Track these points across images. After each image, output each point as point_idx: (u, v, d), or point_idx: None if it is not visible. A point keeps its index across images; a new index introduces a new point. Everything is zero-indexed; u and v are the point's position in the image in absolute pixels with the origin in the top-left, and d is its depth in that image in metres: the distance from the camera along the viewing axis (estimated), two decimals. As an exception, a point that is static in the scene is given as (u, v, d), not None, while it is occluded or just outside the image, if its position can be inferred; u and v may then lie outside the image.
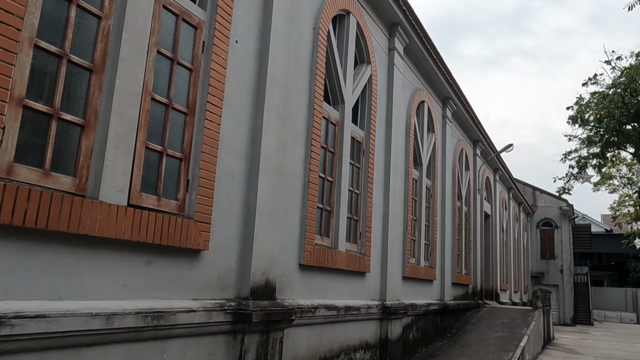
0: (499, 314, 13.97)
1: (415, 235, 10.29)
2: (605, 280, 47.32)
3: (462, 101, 13.08)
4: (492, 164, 18.53)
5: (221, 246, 4.70)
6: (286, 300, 5.59)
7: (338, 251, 6.81)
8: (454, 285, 12.93)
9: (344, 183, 7.09)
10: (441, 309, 11.31)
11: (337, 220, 6.91)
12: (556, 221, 29.87)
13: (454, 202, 13.14)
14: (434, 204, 11.39)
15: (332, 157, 7.01)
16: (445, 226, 12.06)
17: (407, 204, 9.62)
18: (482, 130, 15.50)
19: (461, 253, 13.83)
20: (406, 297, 9.48)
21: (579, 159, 15.56)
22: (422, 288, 10.46)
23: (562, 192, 16.47)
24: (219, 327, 4.52)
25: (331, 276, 6.73)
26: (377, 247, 8.21)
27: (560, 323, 28.79)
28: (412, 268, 9.75)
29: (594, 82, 14.07)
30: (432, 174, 11.50)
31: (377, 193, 8.29)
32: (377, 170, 8.33)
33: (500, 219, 20.24)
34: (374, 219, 8.13)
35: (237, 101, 5.00)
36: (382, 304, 8.07)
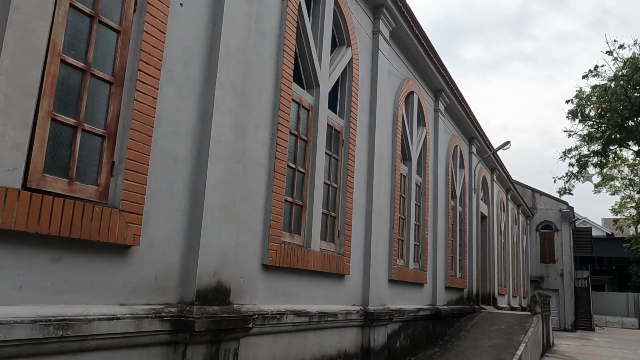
0: (495, 320, 13.24)
1: (403, 235, 9.58)
2: (606, 284, 46.56)
3: (455, 94, 12.40)
4: (489, 163, 17.83)
5: (159, 242, 3.99)
6: (245, 306, 4.88)
7: (311, 251, 6.10)
8: (448, 290, 12.21)
9: (318, 175, 6.39)
10: (433, 314, 10.59)
11: (310, 216, 6.20)
12: (556, 224, 29.13)
13: (447, 201, 12.43)
14: (425, 203, 10.69)
15: (304, 146, 6.31)
16: (437, 226, 11.35)
17: (393, 201, 8.91)
18: (478, 127, 14.81)
19: (455, 255, 13.11)
20: (393, 302, 8.76)
21: (579, 158, 14.83)
22: (411, 292, 9.74)
23: (562, 193, 15.75)
24: (153, 338, 3.81)
25: (303, 278, 6.01)
26: (358, 247, 7.50)
27: (561, 328, 28.01)
28: (400, 270, 9.04)
29: (595, 75, 13.33)
30: (422, 171, 10.80)
31: (358, 188, 7.58)
32: (359, 163, 7.63)
33: (498, 220, 19.52)
34: (355, 216, 7.42)
35: (182, 73, 4.31)
36: (364, 310, 7.36)
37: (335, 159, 7.07)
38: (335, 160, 7.09)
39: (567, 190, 15.63)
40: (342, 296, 6.98)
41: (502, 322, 12.92)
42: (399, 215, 9.24)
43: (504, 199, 21.14)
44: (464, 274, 13.81)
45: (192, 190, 4.34)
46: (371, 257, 7.71)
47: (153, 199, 3.94)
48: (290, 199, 5.93)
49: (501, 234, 20.09)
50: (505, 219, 20.92)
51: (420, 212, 10.57)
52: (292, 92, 5.96)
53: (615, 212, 27.86)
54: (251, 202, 5.13)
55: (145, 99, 3.84)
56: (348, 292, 7.14)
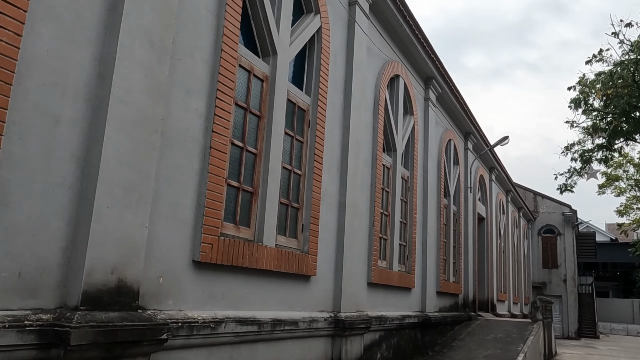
0: (492, 328, 12.20)
1: (386, 234, 8.57)
2: (610, 291, 45.41)
3: (448, 83, 11.42)
4: (487, 161, 16.83)
5: (25, 226, 3.02)
6: (165, 312, 3.89)
7: (263, 246, 5.11)
8: (440, 295, 11.18)
9: (275, 157, 5.41)
10: (421, 322, 9.56)
11: (263, 206, 5.22)
12: (559, 228, 28.03)
13: (439, 199, 11.43)
14: (413, 199, 9.69)
15: (256, 122, 5.33)
16: (427, 225, 10.34)
17: (374, 195, 7.91)
18: (474, 121, 13.83)
19: (448, 258, 12.09)
20: (373, 307, 7.75)
21: (583, 152, 13.80)
22: (396, 297, 8.73)
23: (563, 190, 14.66)
24: (10, 355, 2.83)
25: (252, 280, 5.02)
26: (328, 244, 6.51)
27: (564, 336, 26.87)
28: (382, 273, 8.03)
29: (599, 59, 12.29)
30: (410, 163, 9.81)
31: (329, 176, 6.60)
32: (330, 149, 6.65)
33: (497, 223, 18.49)
34: (325, 209, 6.43)
35: (70, 11, 3.34)
36: (335, 317, 6.36)
37: (299, 142, 6.09)
38: (300, 143, 6.11)
39: (568, 188, 14.52)
40: (307, 301, 5.98)
41: (500, 330, 11.88)
42: (380, 211, 8.25)
43: (504, 200, 20.12)
44: (458, 278, 12.78)
45: (82, 161, 3.37)
46: (345, 257, 6.72)
47: (17, 168, 2.97)
48: (236, 183, 4.95)
49: (500, 237, 19.05)
50: (505, 222, 19.88)
51: (407, 209, 9.57)
52: (239, 56, 4.99)
53: (620, 214, 26.68)
54: (177, 184, 4.15)
55: (3, 33, 2.88)
56: (314, 296, 6.14)
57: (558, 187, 14.74)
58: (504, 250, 19.68)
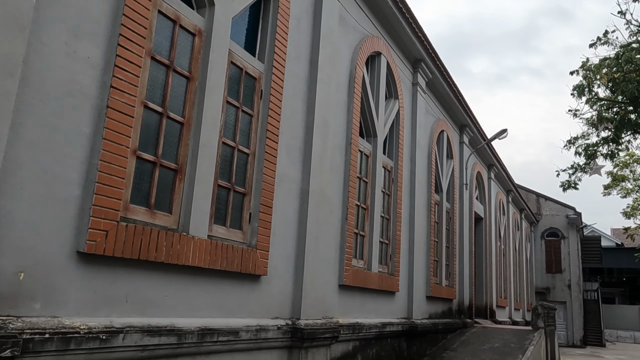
0: (489, 336, 11.14)
1: (364, 230, 7.56)
2: (616, 297, 44.11)
3: (439, 68, 10.43)
4: (485, 158, 15.79)
5: None
6: (26, 319, 2.89)
7: (190, 237, 4.11)
8: (430, 300, 10.14)
9: (209, 129, 4.41)
10: (407, 330, 8.52)
11: (191, 187, 4.22)
12: (563, 231, 26.91)
13: (430, 195, 10.41)
14: (398, 192, 8.66)
15: (185, 85, 4.33)
16: (415, 222, 9.31)
17: (347, 183, 6.90)
18: (469, 112, 12.81)
19: (441, 259, 11.05)
20: (345, 314, 6.73)
21: (587, 147, 12.74)
22: (376, 302, 7.70)
23: (567, 187, 13.57)
24: None
25: (173, 279, 4.01)
26: (285, 238, 5.50)
27: (569, 344, 25.72)
28: (357, 274, 7.01)
29: (604, 42, 11.23)
30: (394, 153, 8.80)
31: (288, 159, 5.60)
32: (289, 126, 5.65)
33: (497, 224, 17.43)
34: (281, 196, 5.43)
35: None
36: (292, 325, 5.34)
37: (246, 114, 5.09)
38: (248, 117, 5.11)
39: (572, 185, 13.43)
40: (255, 306, 4.96)
41: (497, 339, 10.82)
42: (356, 203, 7.23)
43: (504, 200, 19.05)
44: (452, 282, 11.73)
45: None
46: (307, 254, 5.70)
47: None
48: (151, 157, 3.94)
49: (500, 239, 17.99)
50: (505, 223, 18.81)
51: (391, 203, 8.55)
52: (158, 1, 4.00)
53: (627, 216, 25.51)
54: (54, 151, 3.16)
55: None
56: (265, 300, 5.13)
57: (561, 183, 13.68)
58: (505, 253, 18.60)
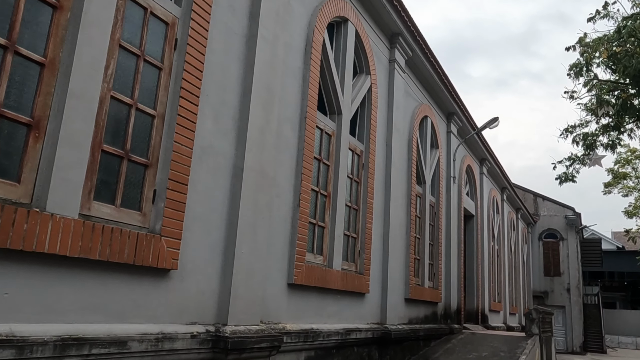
0: (477, 344, 10.06)
1: (323, 220, 6.49)
2: (617, 302, 42.96)
3: (420, 45, 9.38)
4: (476, 151, 14.74)
5: None
6: None
7: (43, 215, 3.05)
8: (410, 303, 9.07)
9: (79, 73, 3.36)
10: (379, 337, 7.45)
11: (49, 150, 3.16)
12: (561, 232, 25.81)
13: (410, 185, 9.34)
14: (369, 179, 7.61)
15: (50, 15, 3.28)
16: (391, 215, 8.25)
17: (300, 164, 5.84)
18: (457, 99, 11.76)
19: (423, 258, 9.97)
20: (297, 318, 5.66)
21: (585, 136, 11.68)
22: (338, 305, 6.63)
23: (563, 180, 12.49)
24: None
25: (19, 271, 2.95)
26: (206, 223, 4.43)
27: (568, 351, 24.60)
28: (313, 272, 5.94)
29: (603, 16, 10.13)
30: (365, 135, 7.74)
31: (214, 126, 4.55)
32: (216, 86, 4.61)
33: (490, 222, 16.36)
34: (200, 170, 4.38)
35: None
36: (215, 332, 4.27)
37: (152, 66, 4.04)
38: (154, 69, 4.06)
39: (569, 177, 12.36)
40: (159, 308, 3.89)
41: (486, 347, 9.74)
42: (312, 188, 6.17)
43: (498, 198, 17.99)
44: (437, 283, 10.65)
45: None
46: (239, 245, 4.64)
47: None
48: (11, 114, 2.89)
49: (494, 238, 16.91)
50: (499, 222, 17.73)
51: (360, 191, 7.49)
52: None
53: (629, 215, 24.38)
54: None
55: None
56: (177, 301, 4.06)
57: (557, 176, 12.58)
58: (499, 254, 17.51)
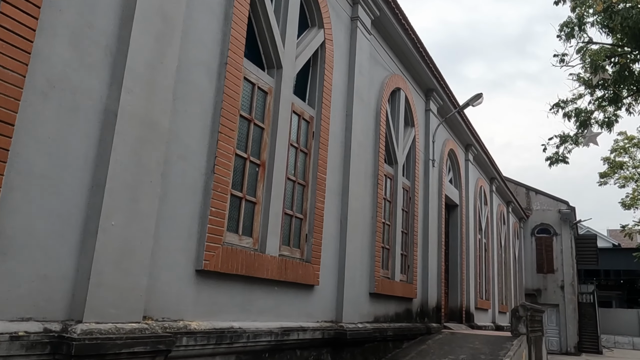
0: (456, 345, 8.87)
1: (254, 194, 5.27)
2: (613, 300, 41.89)
3: (390, 4, 8.18)
4: (460, 135, 13.56)
5: None
6: None
7: None
8: (376, 299, 7.88)
9: None
10: (332, 338, 6.25)
11: None
12: (555, 227, 24.63)
13: (377, 163, 8.15)
14: (321, 150, 6.41)
15: None
16: (350, 195, 7.05)
17: (217, 121, 4.63)
18: (436, 72, 10.57)
19: (394, 248, 8.78)
20: (212, 314, 4.46)
21: (579, 113, 10.48)
22: (275, 299, 5.42)
23: (554, 161, 11.28)
24: None
25: None
26: (47, 182, 3.23)
27: (562, 352, 23.44)
28: (235, 256, 4.73)
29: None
30: (315, 97, 6.54)
31: (72, 54, 3.34)
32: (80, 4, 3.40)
33: (477, 214, 15.18)
34: (38, 108, 3.17)
35: None
36: (61, 332, 3.06)
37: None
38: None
39: (560, 158, 11.15)
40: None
41: (465, 349, 8.55)
42: (236, 152, 4.96)
43: (487, 189, 16.82)
44: (411, 277, 9.46)
45: None
46: (105, 211, 3.44)
47: None
48: None
49: (482, 231, 15.73)
50: (487, 214, 16.56)
51: (309, 164, 6.29)
52: None
53: (625, 207, 23.21)
54: None
55: None
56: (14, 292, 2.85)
57: (547, 158, 11.38)
58: (487, 248, 16.34)
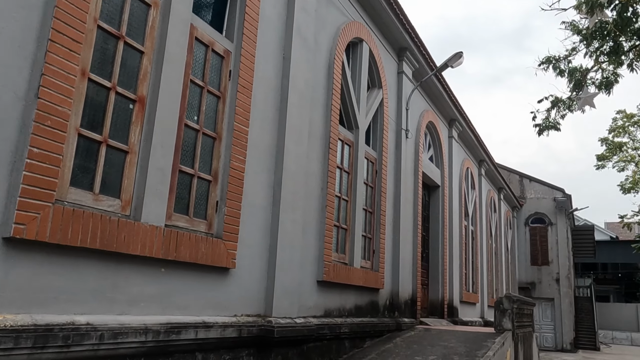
0: (428, 344, 7.44)
1: (121, 138, 3.82)
2: (611, 295, 40.66)
3: None
4: (442, 108, 12.10)
5: None
6: None
7: None
8: (327, 288, 6.44)
9: None
10: (257, 336, 4.81)
11: None
12: (550, 217, 23.23)
13: (327, 124, 6.71)
14: (238, 93, 4.94)
15: None
16: (286, 156, 5.60)
17: (46, 23, 3.18)
18: (410, 29, 9.09)
19: (352, 228, 7.33)
20: (39, 304, 3.00)
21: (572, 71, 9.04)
22: (164, 284, 3.98)
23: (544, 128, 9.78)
24: None
25: None
26: None
27: (557, 348, 22.07)
28: (83, 220, 3.28)
29: None
30: (235, 30, 5.08)
31: None
32: None
33: (463, 198, 13.75)
34: None
35: None
36: None
37: None
38: None
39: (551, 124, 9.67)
40: None
41: (438, 348, 7.13)
42: (82, 71, 3.49)
43: (474, 172, 15.39)
44: (377, 264, 8.02)
45: None
46: None
47: None
48: None
49: (468, 217, 14.30)
50: (475, 199, 15.13)
51: (221, 108, 4.83)
52: None
53: (625, 190, 21.76)
54: None
55: None
56: None
57: (535, 125, 9.90)
58: (474, 236, 14.91)
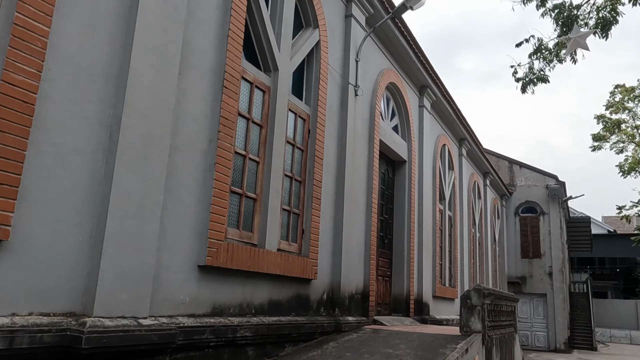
0: (366, 351, 5.67)
1: None
2: (609, 291, 38.98)
3: None
4: (410, 70, 10.30)
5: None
6: None
7: None
8: (218, 276, 4.69)
9: None
10: (55, 346, 3.05)
11: None
12: (542, 205, 21.47)
13: (222, 58, 4.94)
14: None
15: None
16: (131, 74, 3.83)
17: None
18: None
19: (265, 198, 5.55)
20: None
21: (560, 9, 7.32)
22: None
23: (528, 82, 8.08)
24: None
25: None
26: None
27: (550, 349, 20.34)
28: None
29: None
30: None
31: None
32: None
33: (438, 178, 11.97)
34: None
35: None
36: None
37: None
38: None
39: (537, 76, 7.95)
40: None
41: (378, 357, 5.36)
42: None
43: (453, 151, 13.63)
44: (307, 247, 6.25)
45: None
46: None
47: None
48: None
49: (444, 201, 12.53)
50: (453, 181, 13.36)
51: None
52: None
53: (623, 173, 20.02)
54: None
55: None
56: None
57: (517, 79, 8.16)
58: (452, 223, 13.14)
